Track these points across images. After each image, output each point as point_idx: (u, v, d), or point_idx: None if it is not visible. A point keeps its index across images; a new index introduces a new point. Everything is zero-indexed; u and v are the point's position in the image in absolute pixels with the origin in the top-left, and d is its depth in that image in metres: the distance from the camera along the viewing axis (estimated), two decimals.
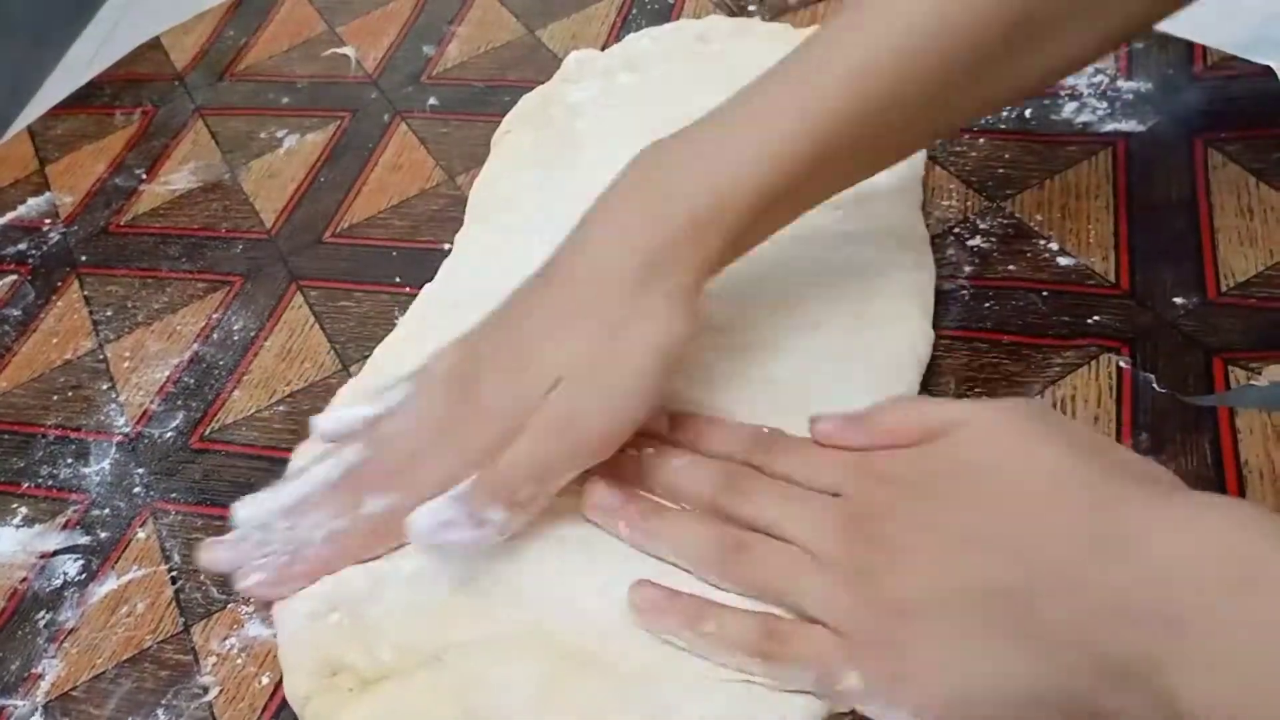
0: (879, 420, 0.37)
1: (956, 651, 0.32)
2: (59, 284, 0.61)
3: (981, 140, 0.53)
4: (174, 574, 0.46)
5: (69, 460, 0.52)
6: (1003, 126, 0.53)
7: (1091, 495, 0.32)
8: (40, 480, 0.51)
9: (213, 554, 0.42)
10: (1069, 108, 0.53)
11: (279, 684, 0.41)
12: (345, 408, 0.45)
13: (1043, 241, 0.48)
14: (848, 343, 0.44)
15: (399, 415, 0.42)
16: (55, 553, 0.48)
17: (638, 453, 0.40)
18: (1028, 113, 0.54)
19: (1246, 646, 0.27)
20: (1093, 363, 0.44)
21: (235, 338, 0.55)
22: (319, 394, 0.51)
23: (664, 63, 0.60)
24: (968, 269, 0.48)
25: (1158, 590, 0.29)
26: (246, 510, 0.42)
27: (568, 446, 0.38)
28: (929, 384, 0.44)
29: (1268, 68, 0.52)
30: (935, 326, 0.45)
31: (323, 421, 0.44)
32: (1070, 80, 0.54)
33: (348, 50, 0.70)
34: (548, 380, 0.38)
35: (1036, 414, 0.35)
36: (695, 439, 0.40)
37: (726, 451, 0.40)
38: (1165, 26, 0.55)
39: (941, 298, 0.47)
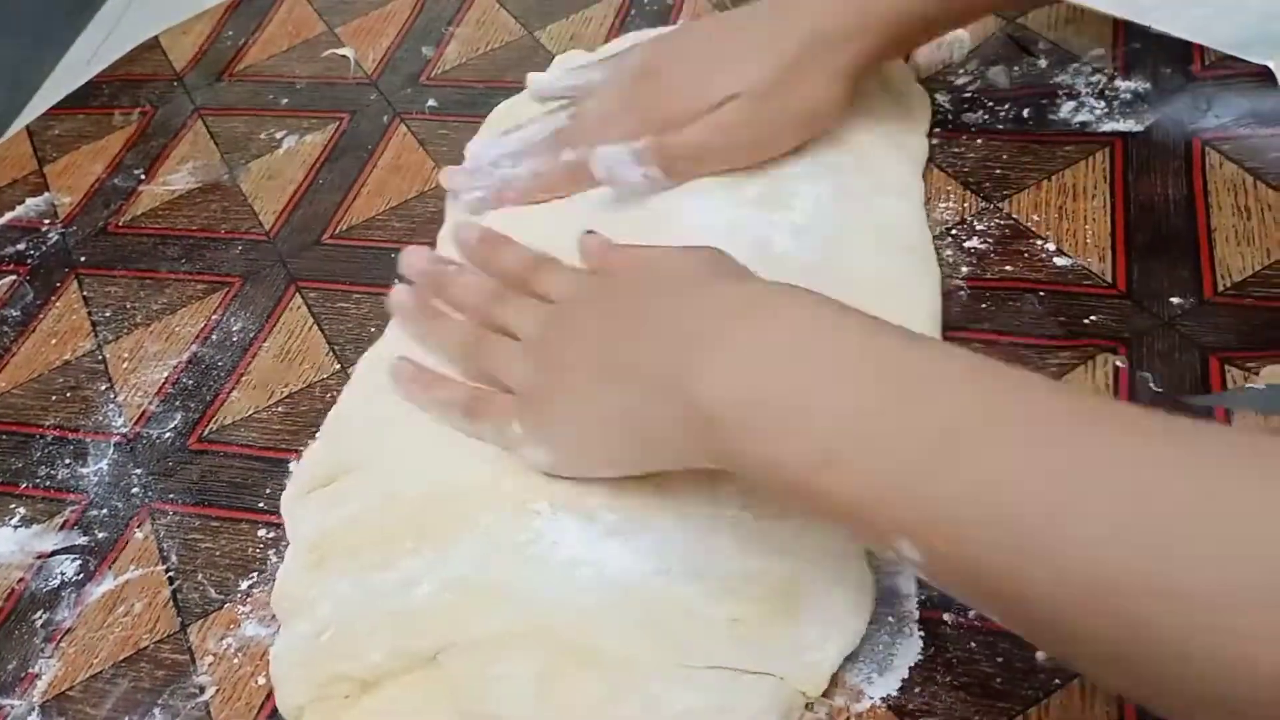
0: (615, 253, 0.46)
1: (577, 397, 0.41)
2: (58, 284, 0.61)
3: (979, 141, 0.53)
4: (171, 574, 0.46)
5: (67, 461, 0.52)
6: (1000, 127, 0.53)
7: (699, 285, 0.39)
8: (38, 481, 0.51)
9: (451, 176, 0.56)
10: (1066, 107, 0.53)
11: None
12: (553, 76, 0.60)
13: (1040, 242, 0.48)
14: None
15: (596, 92, 0.55)
16: (53, 553, 0.48)
17: (442, 266, 0.50)
18: (1025, 112, 0.53)
19: (742, 353, 0.35)
20: (1089, 362, 0.44)
21: (234, 339, 0.55)
22: (317, 395, 0.51)
23: None
24: (965, 270, 0.48)
25: (692, 323, 0.37)
26: (478, 147, 0.58)
27: (725, 144, 0.51)
28: None
29: (1265, 68, 0.52)
30: None
31: (538, 80, 0.60)
32: (1068, 80, 0.54)
33: (347, 51, 0.70)
34: (726, 91, 0.50)
35: (705, 254, 0.42)
36: (490, 253, 0.50)
37: (507, 269, 0.48)
38: (1163, 26, 0.56)
39: None
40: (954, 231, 0.49)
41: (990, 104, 0.54)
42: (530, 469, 0.42)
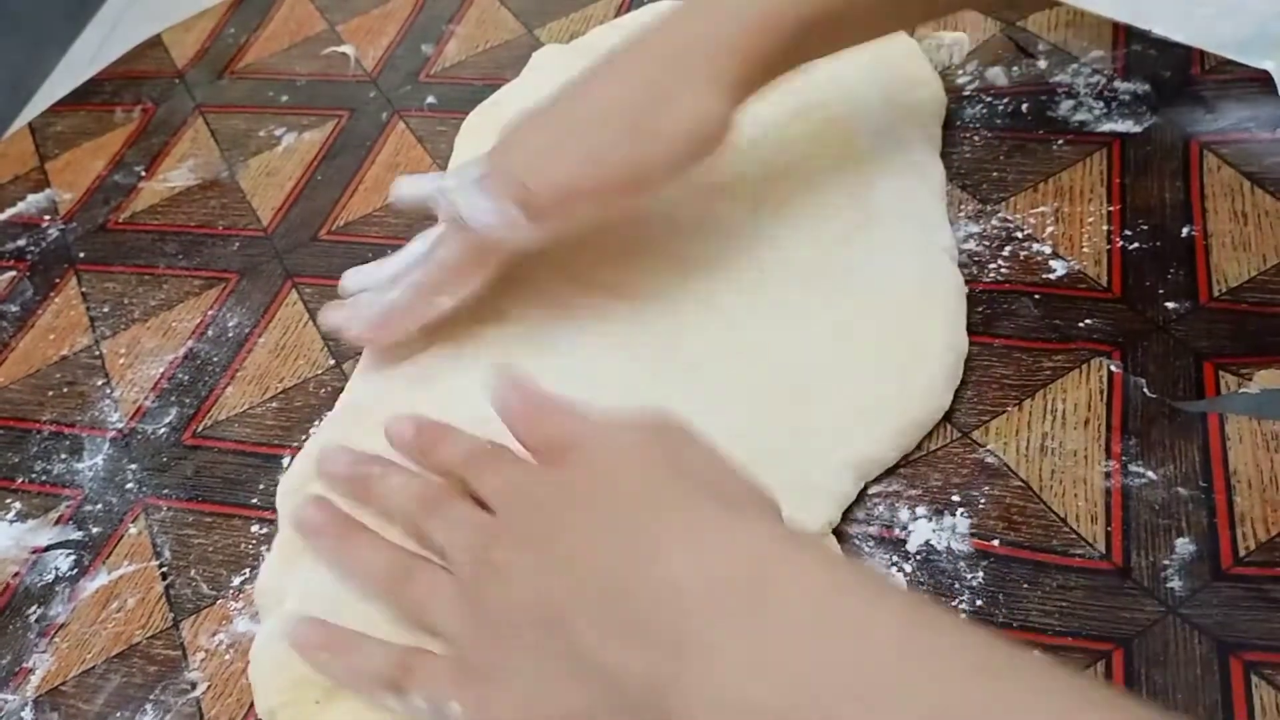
0: (523, 419, 0.38)
1: (523, 675, 0.32)
2: (57, 280, 0.61)
3: (976, 139, 0.53)
4: (164, 569, 0.46)
5: (63, 456, 0.52)
6: (998, 123, 0.53)
7: (655, 517, 0.32)
8: (34, 475, 0.51)
9: (328, 316, 0.49)
10: (1065, 106, 0.53)
11: None
12: (418, 178, 0.50)
13: (1035, 245, 0.48)
14: (878, 353, 0.44)
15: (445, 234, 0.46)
16: (48, 548, 0.48)
17: (367, 465, 0.40)
18: (1024, 109, 0.53)
19: (743, 661, 0.27)
20: (1084, 366, 0.44)
21: (230, 334, 0.55)
22: (312, 391, 0.51)
23: None
24: (961, 272, 0.48)
25: (666, 611, 0.29)
26: (354, 279, 0.50)
27: (596, 175, 0.43)
28: None
29: (1264, 72, 0.51)
30: None
31: (402, 185, 0.49)
32: (1067, 80, 0.54)
33: (347, 48, 0.70)
34: (593, 123, 0.43)
35: (658, 436, 0.35)
36: (428, 448, 0.40)
37: (448, 464, 0.39)
38: (1164, 30, 0.55)
39: None
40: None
41: (989, 102, 0.54)
42: None
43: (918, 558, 0.40)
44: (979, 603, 0.38)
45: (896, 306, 0.45)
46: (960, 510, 0.41)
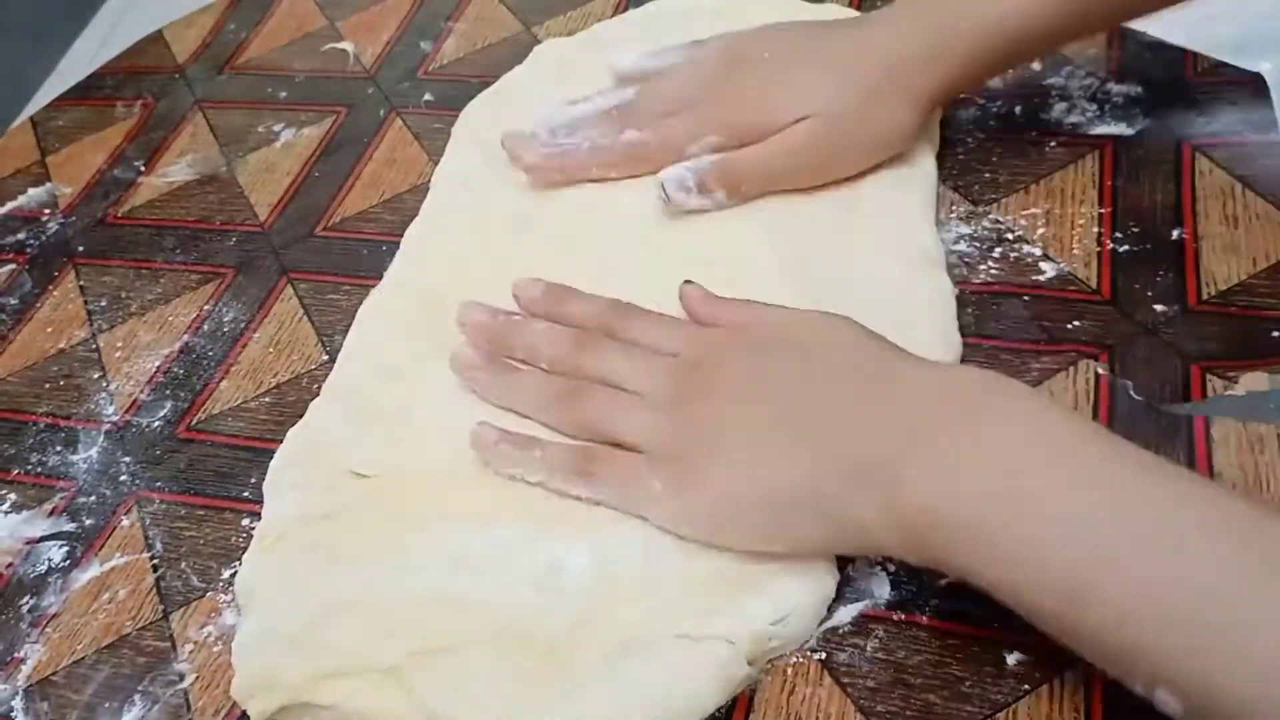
0: (729, 307, 0.43)
1: (735, 463, 0.38)
2: (56, 274, 0.61)
3: (970, 140, 0.53)
4: (155, 562, 0.46)
5: (58, 448, 0.52)
6: (992, 124, 0.53)
7: (876, 360, 0.39)
8: (29, 467, 0.52)
9: (512, 142, 0.54)
10: (1058, 108, 0.53)
11: None
12: (636, 56, 0.56)
13: (1026, 246, 0.48)
14: None
15: (670, 74, 0.54)
16: (41, 539, 0.49)
17: (506, 316, 0.46)
18: (1017, 110, 0.53)
19: (965, 452, 0.34)
20: (1071, 369, 0.44)
21: (225, 329, 0.55)
22: (305, 386, 0.52)
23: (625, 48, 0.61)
24: (951, 273, 0.48)
25: (903, 413, 0.36)
26: (544, 111, 0.56)
27: (792, 166, 0.49)
28: None
29: (1257, 75, 0.51)
30: None
31: (621, 60, 0.57)
32: (1061, 81, 0.54)
33: (346, 45, 0.71)
34: (799, 111, 0.49)
35: (839, 318, 0.41)
36: (556, 306, 0.46)
37: (583, 318, 0.45)
38: (1160, 31, 0.55)
39: None
40: (941, 234, 0.49)
41: (983, 104, 0.54)
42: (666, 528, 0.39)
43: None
44: (957, 603, 0.38)
45: (885, 312, 0.45)
46: None
